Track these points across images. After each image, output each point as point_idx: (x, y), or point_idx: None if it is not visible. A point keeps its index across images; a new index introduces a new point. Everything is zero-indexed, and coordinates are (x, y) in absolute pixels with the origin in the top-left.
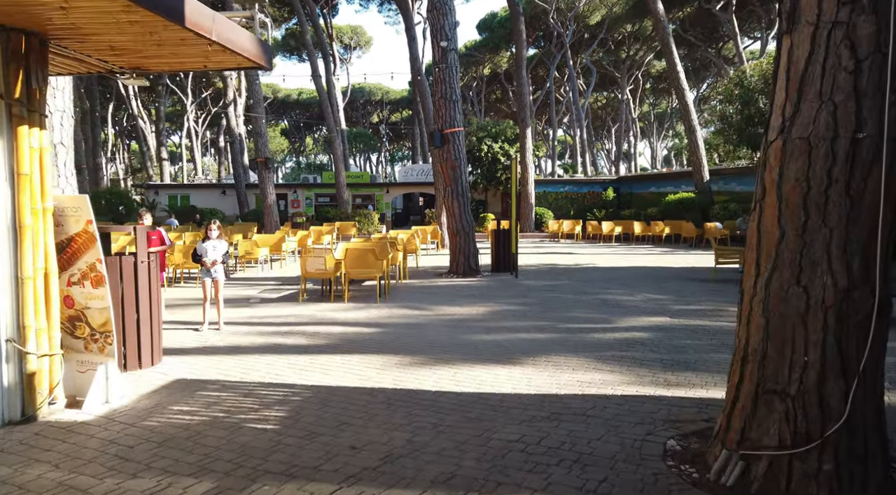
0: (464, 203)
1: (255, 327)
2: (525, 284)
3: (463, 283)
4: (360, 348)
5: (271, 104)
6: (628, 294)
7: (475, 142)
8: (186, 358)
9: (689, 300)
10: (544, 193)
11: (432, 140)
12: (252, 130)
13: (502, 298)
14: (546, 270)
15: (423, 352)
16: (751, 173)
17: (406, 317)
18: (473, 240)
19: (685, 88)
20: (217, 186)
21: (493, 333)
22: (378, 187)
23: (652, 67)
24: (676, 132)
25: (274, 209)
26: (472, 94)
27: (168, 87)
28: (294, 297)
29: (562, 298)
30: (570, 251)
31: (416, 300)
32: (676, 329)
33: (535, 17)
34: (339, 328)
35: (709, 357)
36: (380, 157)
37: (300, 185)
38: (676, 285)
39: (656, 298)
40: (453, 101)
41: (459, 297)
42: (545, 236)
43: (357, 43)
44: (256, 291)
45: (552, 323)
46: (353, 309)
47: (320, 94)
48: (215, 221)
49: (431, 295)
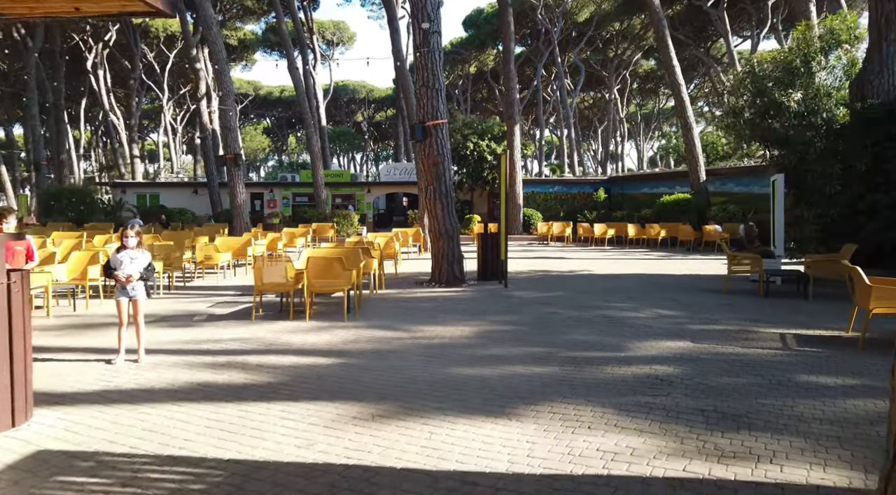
0: (447, 203)
1: (187, 357)
2: (516, 296)
3: (446, 294)
4: (312, 391)
5: (253, 102)
6: (634, 308)
7: (461, 139)
8: (72, 410)
9: (705, 317)
10: (532, 194)
11: (413, 133)
12: (222, 125)
13: (491, 314)
14: (538, 278)
15: (391, 397)
16: (749, 173)
17: (376, 342)
18: (458, 245)
19: (681, 83)
20: (189, 185)
21: (482, 365)
22: (359, 186)
23: (639, 67)
24: (664, 133)
25: (244, 209)
26: (458, 93)
27: (144, 83)
28: (248, 313)
29: (559, 315)
30: (561, 255)
31: (391, 316)
32: (705, 359)
33: (523, 14)
34: (290, 358)
35: (761, 406)
36: (364, 157)
37: (277, 184)
38: (686, 297)
39: (668, 315)
40: (436, 89)
41: (441, 313)
42: (534, 239)
43: (340, 38)
44: (206, 305)
45: (552, 349)
46: (314, 329)
47: (297, 87)
48: (133, 226)
49: (409, 309)
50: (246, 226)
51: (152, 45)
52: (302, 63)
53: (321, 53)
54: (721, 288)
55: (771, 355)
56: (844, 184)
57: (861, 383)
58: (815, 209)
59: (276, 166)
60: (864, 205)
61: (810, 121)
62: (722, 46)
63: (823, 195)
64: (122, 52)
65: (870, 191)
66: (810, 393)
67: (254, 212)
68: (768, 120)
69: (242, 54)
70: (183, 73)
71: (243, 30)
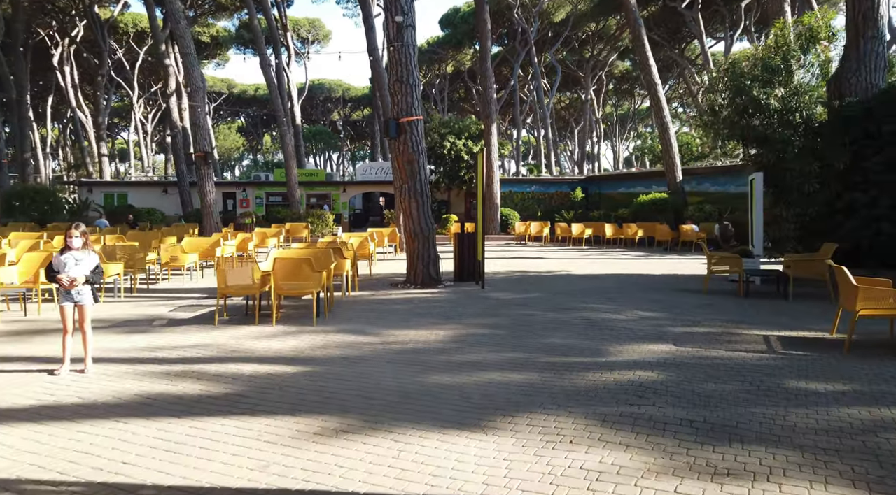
0: (423, 202)
1: (139, 366)
2: (493, 297)
3: (421, 296)
4: (272, 403)
5: (227, 100)
6: (614, 310)
7: (437, 138)
8: (1, 429)
9: (687, 319)
10: (510, 193)
11: (387, 130)
12: (191, 122)
13: (467, 317)
14: (515, 279)
15: (357, 410)
16: (725, 173)
17: (345, 347)
18: (434, 245)
19: (657, 83)
20: (158, 184)
21: (457, 373)
22: (334, 186)
23: (615, 68)
24: (639, 133)
25: (214, 209)
26: (435, 93)
27: (113, 80)
28: (211, 318)
29: (538, 317)
30: (539, 255)
31: (363, 320)
32: (689, 364)
33: (500, 14)
34: (251, 367)
35: (751, 415)
36: (340, 156)
37: (249, 184)
38: (666, 298)
39: (648, 316)
40: (411, 85)
41: (416, 316)
42: (511, 239)
43: (315, 36)
44: (168, 309)
45: (531, 354)
46: (280, 335)
47: (269, 84)
48: (78, 226)
49: (382, 312)
50: (216, 227)
51: (122, 42)
52: (275, 60)
53: (296, 51)
54: (700, 288)
55: (756, 359)
56: (823, 183)
57: (851, 388)
58: (793, 208)
59: (250, 165)
60: (843, 204)
61: (789, 119)
62: (696, 48)
63: (802, 194)
64: (89, 49)
65: (848, 190)
66: (801, 401)
67: (226, 211)
68: (747, 118)
69: (215, 51)
70: (154, 71)
71: (216, 26)
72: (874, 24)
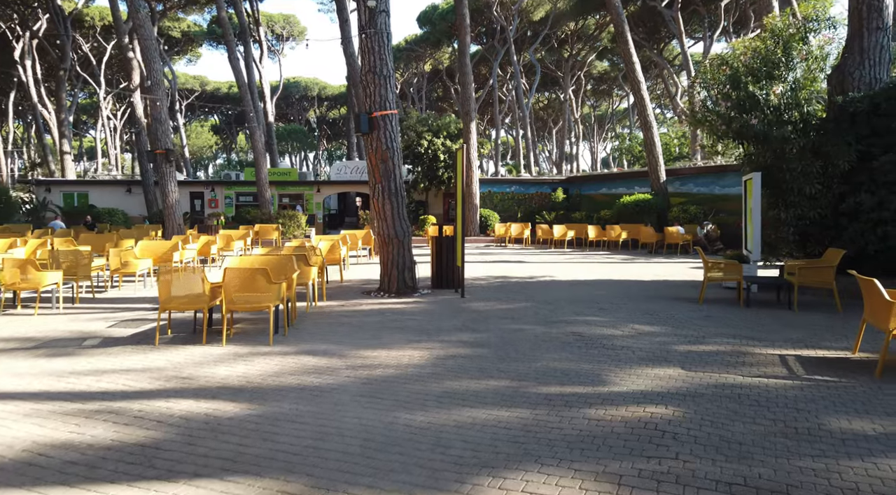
0: (397, 203)
1: (48, 404)
2: (474, 308)
3: (395, 307)
4: (200, 459)
5: (199, 97)
6: (608, 323)
7: (415, 137)
8: None
9: (690, 335)
10: (489, 193)
11: (358, 125)
12: (151, 117)
13: (446, 332)
14: (497, 286)
15: (306, 468)
16: (709, 174)
17: (303, 374)
18: (409, 250)
19: (641, 81)
20: (121, 183)
21: (433, 410)
22: (308, 185)
23: (593, 68)
24: (617, 134)
25: (177, 210)
26: (413, 92)
27: (79, 75)
28: (153, 336)
29: (525, 332)
30: (521, 259)
31: (328, 337)
32: (705, 394)
33: (478, 12)
34: (186, 404)
35: (798, 470)
36: (317, 156)
37: (218, 183)
38: (661, 308)
39: (647, 332)
40: (384, 76)
41: (388, 331)
42: (491, 241)
43: (290, 33)
44: (108, 324)
45: (520, 383)
46: (230, 358)
47: (238, 78)
48: None
49: (351, 327)
50: (179, 228)
51: (88, 36)
52: (244, 53)
53: (270, 47)
54: (695, 296)
55: (780, 387)
56: (825, 184)
57: None
58: (792, 210)
59: (224, 164)
60: (847, 207)
61: (788, 116)
62: (674, 48)
63: (802, 195)
64: (53, 43)
65: (853, 192)
66: (851, 448)
67: (193, 212)
68: (744, 115)
69: (186, 47)
70: (123, 66)
71: (186, 21)
72: (879, 15)
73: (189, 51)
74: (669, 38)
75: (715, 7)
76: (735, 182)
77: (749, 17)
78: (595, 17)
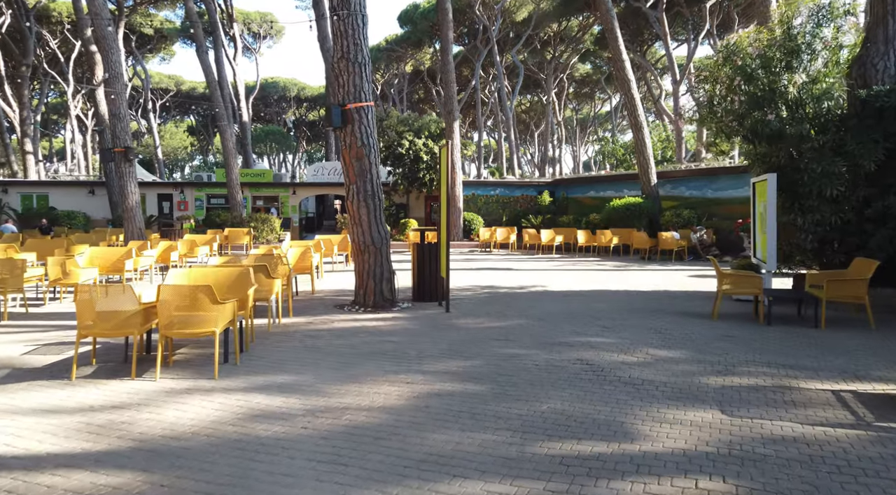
0: (375, 207)
1: None
2: (461, 325)
3: (371, 324)
4: None
5: (174, 97)
6: (618, 346)
7: (395, 137)
8: None
9: (716, 361)
10: (473, 196)
11: (329, 119)
12: (109, 112)
13: (429, 359)
14: (486, 298)
15: None
16: (702, 176)
17: (250, 420)
18: (388, 259)
19: (631, 79)
20: (84, 184)
21: (413, 486)
22: (283, 187)
23: (576, 70)
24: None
25: (137, 212)
26: (394, 93)
27: (46, 72)
28: (79, 364)
29: (523, 359)
30: (508, 266)
31: (288, 367)
32: (767, 456)
33: (461, 12)
34: (79, 477)
35: None
36: (296, 158)
37: (188, 184)
38: (672, 326)
39: (665, 357)
40: (359, 63)
41: (361, 358)
42: (475, 246)
43: (268, 31)
44: (27, 348)
45: (525, 437)
46: (160, 398)
47: (207, 73)
48: None
49: (317, 352)
50: (140, 233)
51: (55, 32)
52: (214, 47)
53: (247, 46)
54: (704, 309)
55: (854, 441)
56: (848, 186)
57: None
58: (810, 215)
59: (199, 166)
60: (874, 211)
61: (807, 111)
62: (657, 51)
63: (822, 198)
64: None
65: (881, 194)
66: None
67: (162, 215)
68: (758, 111)
69: (160, 45)
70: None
71: (159, 17)
72: None
73: (162, 49)
74: (653, 41)
75: (699, 9)
76: (728, 185)
77: (733, 19)
78: (578, 19)
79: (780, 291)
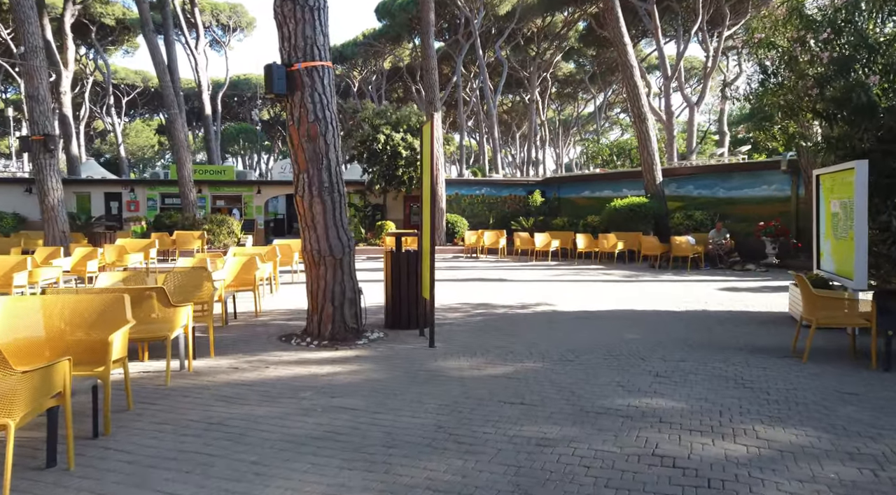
0: (333, 204)
1: None
2: (453, 373)
3: (323, 372)
4: None
5: (142, 94)
6: (701, 419)
7: (370, 131)
8: None
9: (876, 454)
10: (457, 196)
11: (270, 83)
12: (27, 94)
13: (403, 453)
14: (480, 322)
15: None
16: (712, 174)
17: None
18: (351, 274)
19: (634, 65)
20: (20, 181)
21: None
22: (247, 186)
23: (559, 69)
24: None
25: (60, 213)
26: (372, 90)
27: None
28: None
29: (558, 449)
30: (501, 276)
31: (151, 481)
32: None
33: (442, 6)
34: None
35: None
36: (270, 158)
37: (139, 182)
38: (756, 374)
39: (788, 444)
40: (311, 7)
41: (292, 446)
42: (460, 251)
43: (237, 23)
44: None
45: None
46: None
47: (153, 53)
48: None
49: (220, 440)
50: (62, 236)
51: (7, 21)
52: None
53: (216, 39)
54: (773, 341)
55: None
56: None
57: None
58: None
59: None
60: None
61: None
62: (643, 50)
63: None
64: None
65: None
66: None
67: (109, 216)
68: (844, 75)
69: (122, 37)
70: None
71: (120, 6)
72: None
73: (125, 41)
74: (640, 37)
75: (691, 3)
76: (744, 183)
77: (725, 14)
78: (563, 14)
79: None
